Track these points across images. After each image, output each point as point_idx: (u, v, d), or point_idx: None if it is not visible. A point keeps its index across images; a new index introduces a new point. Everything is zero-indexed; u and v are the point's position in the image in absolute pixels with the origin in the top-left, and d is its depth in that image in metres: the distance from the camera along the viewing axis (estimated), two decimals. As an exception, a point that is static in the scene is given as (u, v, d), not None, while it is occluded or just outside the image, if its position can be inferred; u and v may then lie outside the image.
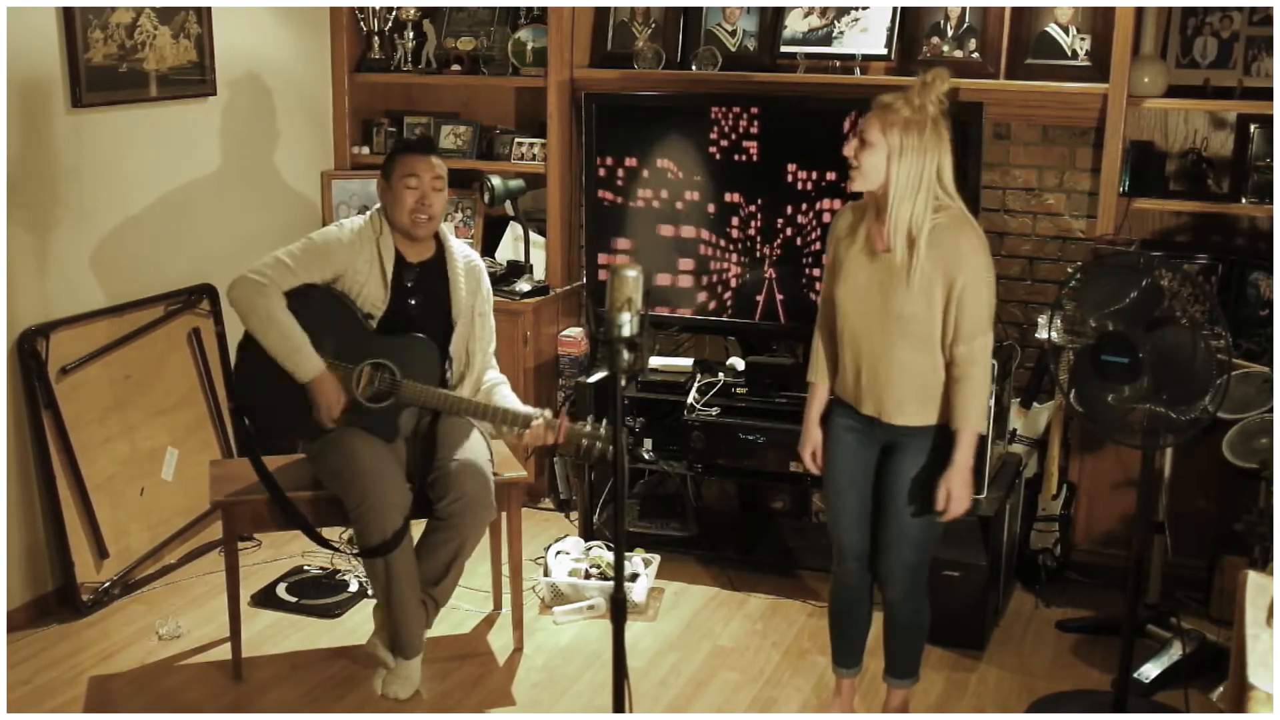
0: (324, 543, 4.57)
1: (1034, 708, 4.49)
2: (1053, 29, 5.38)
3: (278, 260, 4.43)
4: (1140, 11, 5.18)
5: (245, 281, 4.38)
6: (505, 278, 6.05)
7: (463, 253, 4.69)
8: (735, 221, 5.49)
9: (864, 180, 3.80)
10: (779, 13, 5.75)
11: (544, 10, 6.02)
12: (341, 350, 4.44)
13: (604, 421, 4.25)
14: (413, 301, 4.55)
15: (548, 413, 4.44)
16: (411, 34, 6.28)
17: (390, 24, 6.30)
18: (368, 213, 4.64)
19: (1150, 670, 4.60)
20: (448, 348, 4.59)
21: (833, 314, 4.00)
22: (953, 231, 3.78)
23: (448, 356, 4.58)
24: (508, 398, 4.63)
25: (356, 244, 4.51)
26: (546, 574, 5.25)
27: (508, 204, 6.08)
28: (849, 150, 3.82)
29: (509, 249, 6.31)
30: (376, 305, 4.50)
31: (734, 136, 5.43)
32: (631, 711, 3.32)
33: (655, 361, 5.68)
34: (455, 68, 6.27)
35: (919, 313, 3.80)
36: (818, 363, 4.13)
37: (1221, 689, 4.43)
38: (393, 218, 4.53)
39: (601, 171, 5.64)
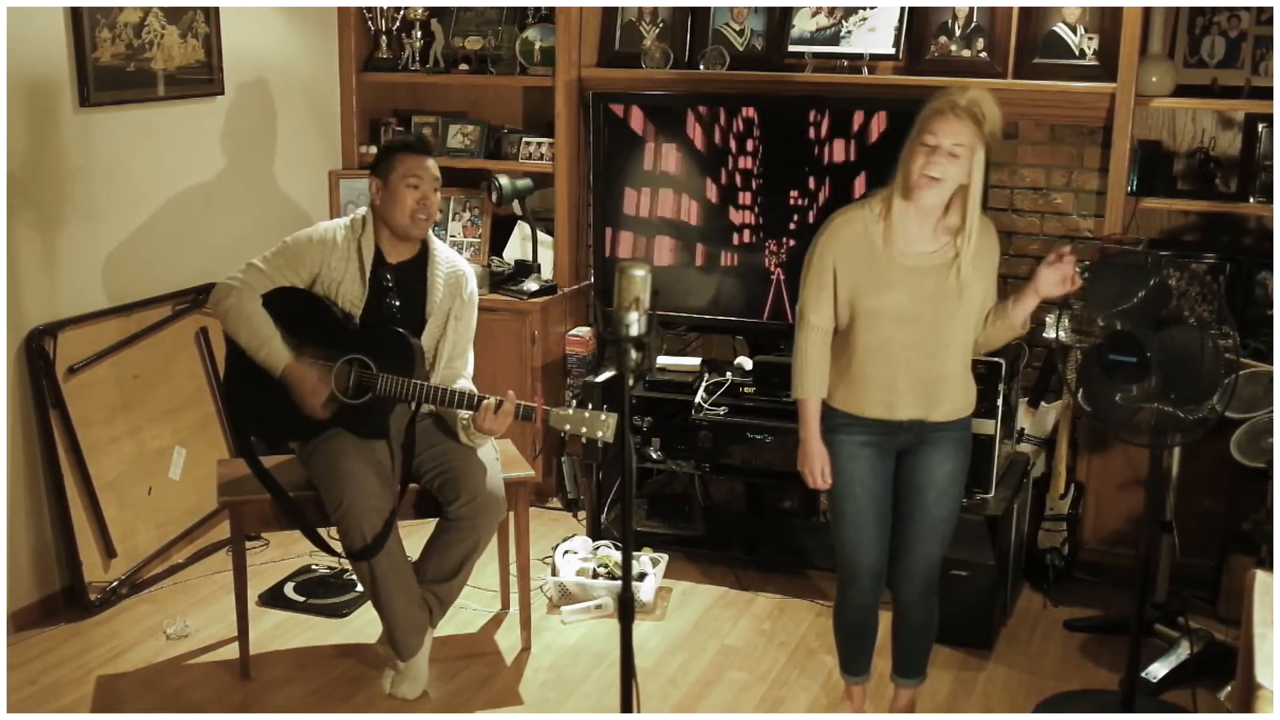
0: (323, 545, 4.57)
1: (1042, 707, 4.49)
2: (1060, 28, 5.38)
3: (250, 265, 4.51)
4: (1148, 11, 5.17)
5: (219, 286, 4.50)
6: (513, 277, 6.05)
7: (447, 258, 4.66)
8: (742, 220, 5.49)
9: (943, 191, 3.72)
10: (787, 12, 5.75)
11: (552, 10, 6.02)
12: (321, 349, 4.46)
13: (589, 407, 4.18)
14: (392, 301, 4.55)
15: (511, 393, 4.36)
16: (419, 33, 6.27)
17: (398, 23, 6.30)
18: (352, 214, 4.65)
19: (1158, 670, 4.60)
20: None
21: (830, 326, 3.94)
22: (986, 229, 3.87)
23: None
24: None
25: (331, 243, 4.53)
26: (554, 573, 5.25)
27: (515, 203, 6.09)
28: (942, 159, 3.67)
29: (517, 248, 6.31)
30: (355, 303, 4.51)
31: (741, 135, 5.43)
32: (639, 711, 3.32)
33: (663, 361, 5.68)
34: (463, 67, 6.27)
35: (966, 310, 3.85)
36: (808, 379, 3.97)
37: (1229, 688, 4.43)
38: (389, 216, 4.52)
39: (608, 171, 5.64)
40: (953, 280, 3.80)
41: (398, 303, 4.55)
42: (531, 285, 5.98)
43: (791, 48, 5.71)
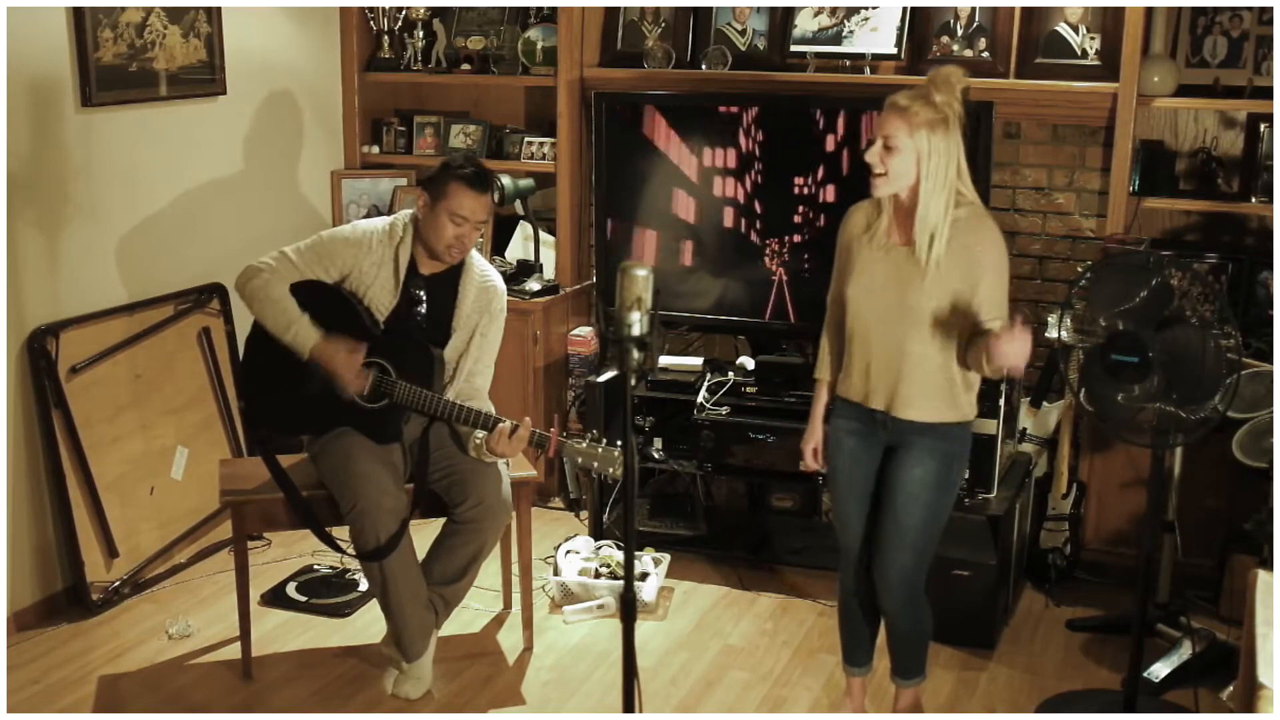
0: (333, 544, 4.57)
1: (1044, 707, 4.49)
2: (1063, 28, 5.38)
3: (282, 253, 4.47)
4: (1150, 11, 5.17)
5: (247, 268, 4.45)
6: (515, 277, 6.04)
7: (481, 270, 4.62)
8: (744, 220, 5.49)
9: (891, 184, 3.78)
10: (789, 12, 5.75)
11: (554, 9, 6.02)
12: None
13: (603, 442, 4.20)
14: (419, 309, 4.54)
15: (528, 420, 4.36)
16: (421, 33, 6.28)
17: (400, 23, 6.30)
18: (393, 216, 4.60)
19: (1160, 669, 4.60)
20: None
21: (841, 312, 4.01)
22: (974, 226, 3.81)
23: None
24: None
25: (367, 246, 4.49)
26: (556, 573, 5.25)
27: (517, 203, 6.09)
28: (873, 156, 3.78)
29: (519, 248, 6.31)
30: (382, 309, 4.49)
31: (744, 135, 5.43)
32: (641, 711, 3.32)
33: (665, 361, 5.68)
34: (465, 67, 6.27)
35: (936, 306, 3.81)
36: (824, 360, 4.14)
37: (1231, 688, 4.43)
38: (425, 237, 4.46)
39: (610, 171, 5.64)
40: (918, 272, 3.81)
41: (424, 310, 4.54)
42: (534, 285, 5.97)
43: (793, 48, 5.71)
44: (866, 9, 5.60)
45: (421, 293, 4.53)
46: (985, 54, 5.48)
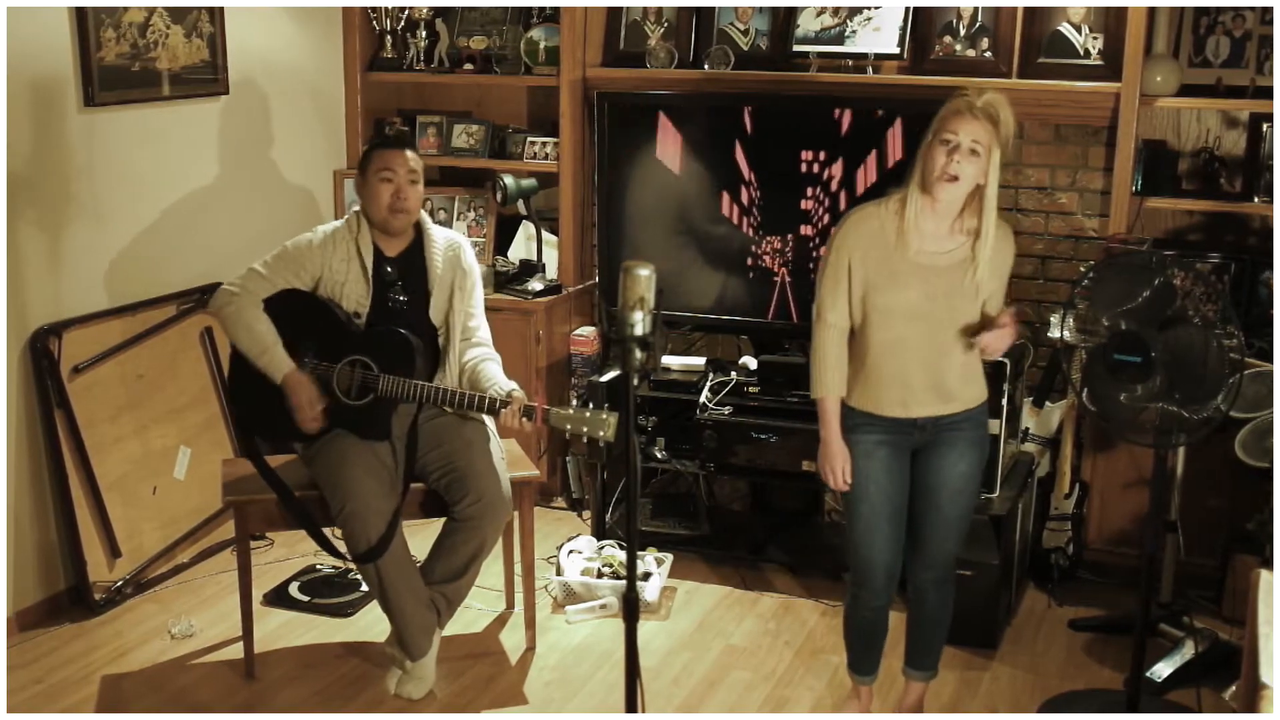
0: (330, 548, 4.56)
1: (1046, 707, 4.48)
2: (1065, 28, 5.37)
3: (251, 270, 4.54)
4: (1153, 11, 5.17)
5: (220, 292, 4.54)
6: (518, 277, 6.05)
7: (443, 236, 4.71)
8: (747, 220, 5.49)
9: (958, 189, 3.76)
10: (791, 12, 5.75)
11: (556, 9, 6.02)
12: (323, 351, 4.48)
13: (589, 406, 4.19)
14: (399, 296, 4.57)
15: (518, 391, 4.41)
16: (424, 33, 6.28)
17: (402, 23, 6.30)
18: (346, 215, 4.69)
19: (1163, 669, 4.60)
20: (436, 338, 4.62)
21: (847, 324, 3.95)
22: (1006, 236, 3.92)
23: (433, 347, 4.60)
24: (491, 378, 4.55)
25: (330, 245, 4.56)
26: (559, 573, 5.25)
27: (520, 203, 6.09)
28: (958, 160, 3.72)
29: (521, 248, 6.31)
30: (361, 302, 4.53)
31: (746, 135, 5.43)
32: (644, 711, 3.32)
33: (667, 360, 5.68)
34: (468, 67, 6.27)
35: (977, 309, 3.88)
36: (827, 376, 3.97)
37: (1234, 688, 4.43)
38: (369, 212, 4.57)
39: (613, 170, 5.64)
40: (968, 280, 3.82)
41: (403, 298, 4.57)
42: (536, 285, 5.97)
43: (796, 47, 5.70)
44: (869, 9, 5.59)
45: (393, 273, 4.58)
46: (988, 54, 5.47)
